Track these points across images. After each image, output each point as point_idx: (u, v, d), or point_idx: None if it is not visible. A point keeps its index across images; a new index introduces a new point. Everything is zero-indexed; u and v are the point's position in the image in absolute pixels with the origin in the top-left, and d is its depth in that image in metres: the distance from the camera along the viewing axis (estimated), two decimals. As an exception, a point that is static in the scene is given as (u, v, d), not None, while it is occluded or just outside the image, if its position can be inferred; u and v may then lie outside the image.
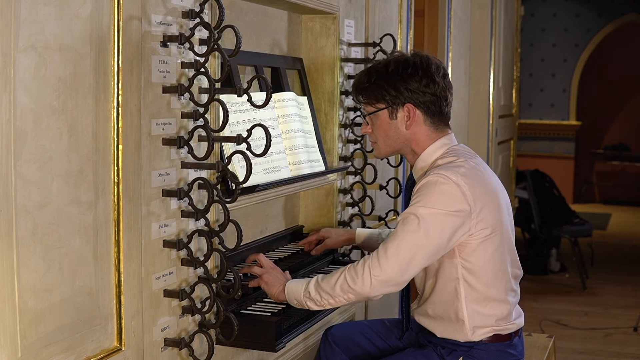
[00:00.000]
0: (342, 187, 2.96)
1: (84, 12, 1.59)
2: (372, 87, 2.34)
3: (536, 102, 10.88)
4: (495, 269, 2.29)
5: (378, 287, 2.16)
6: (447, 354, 2.34)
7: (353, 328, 2.65)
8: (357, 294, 2.18)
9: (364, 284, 2.16)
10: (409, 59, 2.33)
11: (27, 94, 1.46)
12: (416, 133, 2.34)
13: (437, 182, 2.19)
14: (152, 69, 1.80)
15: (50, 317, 1.55)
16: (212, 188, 1.92)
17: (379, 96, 2.34)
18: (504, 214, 2.31)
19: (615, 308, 5.96)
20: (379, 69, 2.35)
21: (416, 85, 2.29)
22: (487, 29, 5.53)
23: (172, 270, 1.91)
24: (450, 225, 2.18)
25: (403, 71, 2.30)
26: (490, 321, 2.31)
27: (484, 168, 2.33)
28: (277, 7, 2.66)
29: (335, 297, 2.19)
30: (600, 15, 10.52)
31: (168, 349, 1.91)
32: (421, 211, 2.17)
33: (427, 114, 2.32)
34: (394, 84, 2.30)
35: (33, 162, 1.48)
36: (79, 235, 1.61)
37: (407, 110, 2.31)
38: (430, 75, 2.30)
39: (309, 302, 2.22)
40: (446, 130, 2.37)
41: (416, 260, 2.17)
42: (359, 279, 2.16)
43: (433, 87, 2.30)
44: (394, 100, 2.32)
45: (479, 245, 2.25)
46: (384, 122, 2.35)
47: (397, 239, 2.18)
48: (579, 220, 6.95)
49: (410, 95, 2.30)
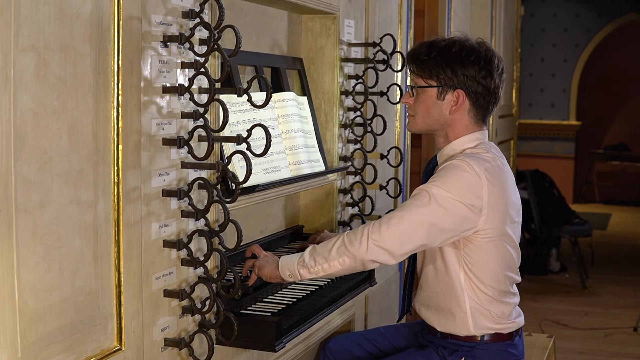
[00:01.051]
0: (342, 187, 2.96)
1: (84, 12, 1.59)
2: (429, 61, 2.29)
3: (536, 102, 10.88)
4: (495, 270, 2.29)
5: (374, 251, 2.14)
6: (449, 354, 2.34)
7: (351, 341, 2.65)
8: (352, 256, 2.15)
9: (360, 246, 2.14)
10: (475, 47, 2.28)
11: (27, 94, 1.46)
12: (456, 120, 2.31)
13: (461, 167, 2.17)
14: (152, 69, 1.80)
15: (50, 317, 1.55)
16: (212, 188, 1.92)
17: (433, 73, 2.29)
18: (514, 219, 2.31)
19: (615, 308, 5.96)
20: (442, 45, 2.29)
21: (473, 74, 2.26)
22: (487, 29, 5.53)
23: (172, 270, 1.91)
24: (459, 214, 2.16)
25: (466, 56, 2.26)
26: (491, 316, 2.31)
27: (507, 171, 2.31)
28: (277, 7, 2.66)
29: (330, 260, 2.17)
30: (600, 15, 10.52)
31: (168, 349, 1.91)
32: (435, 190, 2.15)
33: (474, 104, 2.30)
34: (453, 66, 2.26)
35: (33, 162, 1.48)
36: (79, 235, 1.61)
37: (456, 96, 2.28)
38: (490, 68, 2.27)
39: (302, 270, 2.19)
40: (483, 126, 2.36)
41: (417, 236, 2.15)
42: (356, 241, 2.15)
43: (489, 81, 2.27)
44: (447, 81, 2.28)
45: (483, 244, 2.25)
46: (430, 99, 2.31)
47: (404, 211, 2.16)
48: (579, 220, 6.96)
49: (465, 81, 2.26)
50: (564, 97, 10.81)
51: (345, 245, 2.16)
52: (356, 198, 3.02)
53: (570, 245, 6.85)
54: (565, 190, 9.79)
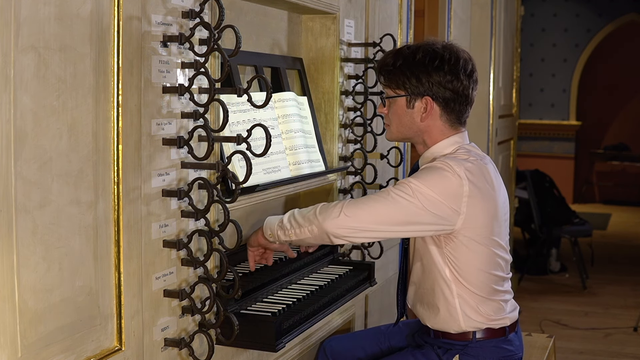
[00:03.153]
0: (342, 187, 2.96)
1: (84, 12, 1.59)
2: (395, 71, 2.31)
3: (536, 102, 10.88)
4: (480, 268, 2.28)
5: (342, 222, 2.16)
6: (443, 353, 2.35)
7: (350, 340, 2.65)
8: (319, 225, 2.17)
9: (331, 214, 2.16)
10: (438, 51, 2.28)
11: (27, 94, 1.46)
12: (430, 126, 2.32)
13: (442, 168, 2.19)
14: (152, 69, 1.80)
15: (50, 317, 1.55)
16: (212, 188, 1.92)
17: (399, 82, 2.31)
18: (499, 218, 2.30)
19: (615, 308, 5.96)
20: (406, 54, 2.31)
21: (439, 80, 2.26)
22: (487, 29, 5.53)
23: (172, 270, 1.91)
24: (436, 211, 2.17)
25: (429, 63, 2.27)
26: (480, 312, 2.30)
27: (490, 170, 2.31)
28: (277, 7, 2.66)
29: (302, 226, 2.20)
30: (600, 15, 10.52)
31: (168, 349, 1.91)
32: (416, 184, 2.17)
33: (445, 109, 2.30)
34: (417, 74, 2.27)
35: (33, 162, 1.48)
36: (79, 235, 1.61)
37: (424, 103, 2.29)
38: (456, 71, 2.27)
39: (279, 232, 2.24)
40: (460, 128, 2.36)
41: (389, 221, 2.17)
42: (329, 210, 2.17)
43: (456, 84, 2.27)
44: (413, 90, 2.29)
45: (466, 242, 2.24)
46: (401, 108, 2.33)
47: (382, 195, 2.19)
48: (579, 220, 6.96)
49: (431, 88, 2.27)
50: (564, 97, 10.81)
51: (316, 213, 2.19)
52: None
53: (570, 245, 6.85)
54: (565, 190, 9.79)
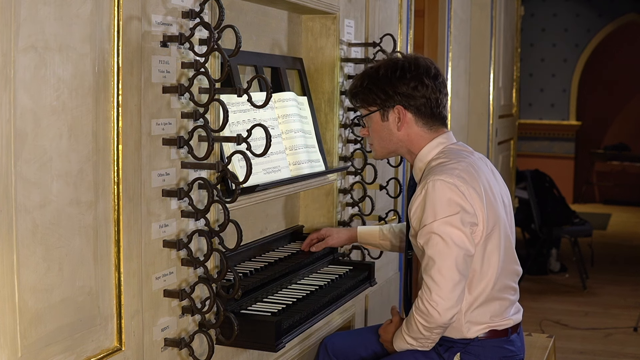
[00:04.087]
0: (342, 187, 2.96)
1: (84, 12, 1.59)
2: (364, 91, 2.41)
3: (536, 102, 10.87)
4: (492, 266, 2.29)
5: (447, 313, 2.21)
6: (443, 351, 2.35)
7: (351, 337, 2.65)
8: (437, 326, 2.23)
9: (434, 318, 2.21)
10: (398, 62, 2.39)
11: (27, 94, 1.46)
12: (409, 134, 2.39)
13: (435, 188, 2.22)
14: (152, 69, 1.80)
15: (50, 317, 1.55)
16: (212, 188, 1.92)
17: (370, 100, 2.41)
18: (500, 210, 2.32)
19: (615, 308, 5.96)
20: (370, 73, 2.42)
21: (405, 88, 2.35)
22: (487, 29, 5.53)
23: (172, 270, 1.91)
24: (466, 221, 2.21)
25: (392, 74, 2.36)
26: (485, 318, 2.32)
27: (479, 166, 2.34)
28: (277, 7, 2.66)
29: (429, 338, 2.27)
30: (600, 15, 10.52)
31: (168, 349, 1.91)
32: (437, 226, 2.20)
33: (418, 115, 2.37)
34: (384, 87, 2.37)
35: (33, 162, 1.48)
36: (79, 235, 1.61)
37: (397, 112, 2.37)
38: (418, 77, 2.35)
39: (419, 348, 2.32)
40: (442, 129, 2.41)
41: (461, 270, 2.21)
42: (429, 317, 2.22)
43: (422, 89, 2.35)
44: (384, 103, 2.38)
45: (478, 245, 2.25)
46: (377, 124, 2.41)
47: (435, 264, 2.21)
48: (579, 220, 6.95)
49: (399, 98, 2.36)
50: (564, 97, 10.80)
51: (426, 323, 2.23)
52: (356, 198, 3.02)
53: (570, 245, 6.84)
54: (565, 190, 9.79)
